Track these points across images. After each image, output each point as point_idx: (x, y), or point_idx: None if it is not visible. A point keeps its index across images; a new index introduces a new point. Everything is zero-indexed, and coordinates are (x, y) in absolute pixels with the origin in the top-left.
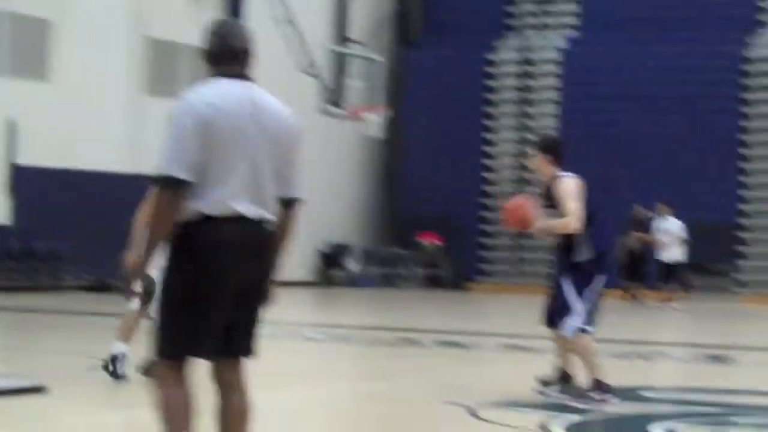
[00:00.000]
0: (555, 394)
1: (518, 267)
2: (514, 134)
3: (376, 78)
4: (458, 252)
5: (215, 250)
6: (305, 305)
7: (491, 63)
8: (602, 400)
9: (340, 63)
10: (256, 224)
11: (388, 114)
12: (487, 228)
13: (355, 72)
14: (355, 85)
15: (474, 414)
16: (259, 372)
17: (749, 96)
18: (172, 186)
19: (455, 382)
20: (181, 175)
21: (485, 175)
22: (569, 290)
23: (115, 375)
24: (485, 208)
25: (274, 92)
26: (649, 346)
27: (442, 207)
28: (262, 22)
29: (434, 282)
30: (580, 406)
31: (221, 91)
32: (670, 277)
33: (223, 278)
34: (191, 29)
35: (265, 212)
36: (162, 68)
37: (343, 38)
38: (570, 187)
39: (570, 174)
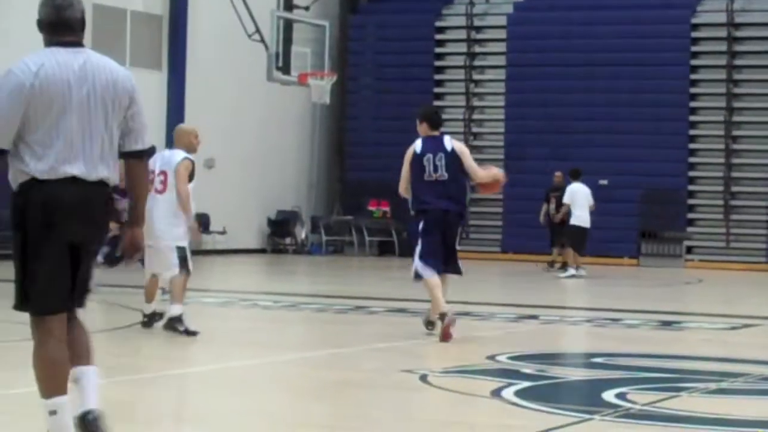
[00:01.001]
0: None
1: (469, 232)
2: (463, 100)
3: (322, 44)
4: (409, 219)
5: (47, 211)
6: (255, 273)
7: (438, 29)
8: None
9: (286, 29)
10: (90, 184)
11: (335, 80)
12: None
13: (302, 38)
14: (301, 52)
15: (426, 381)
16: (209, 340)
17: (697, 62)
18: None
19: (407, 349)
20: None
21: None
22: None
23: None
24: None
25: (222, 59)
26: (600, 312)
27: (391, 174)
28: None
29: (385, 249)
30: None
31: (47, 58)
32: (575, 241)
33: (56, 237)
34: None
35: (100, 172)
36: (107, 34)
37: (289, 4)
38: (406, 154)
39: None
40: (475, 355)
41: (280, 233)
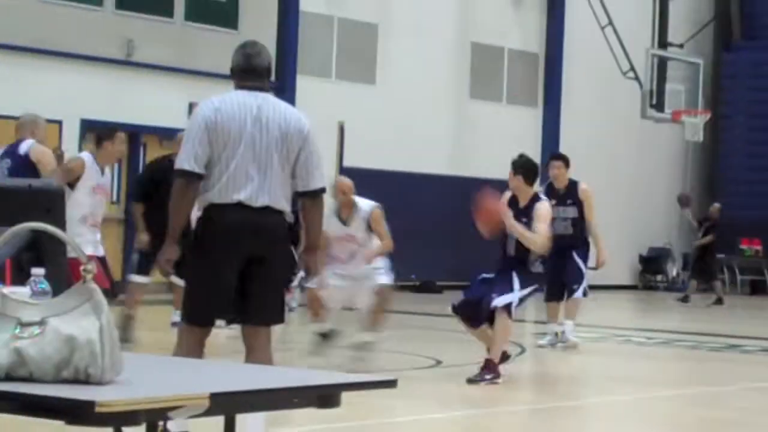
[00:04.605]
0: None
1: None
2: None
3: (695, 82)
4: None
5: (219, 231)
6: (627, 309)
7: None
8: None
9: (660, 67)
10: (258, 210)
11: (708, 118)
12: None
13: (675, 76)
14: (675, 89)
15: None
16: (587, 375)
17: None
18: (183, 177)
19: None
20: (189, 167)
21: None
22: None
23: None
24: None
25: (596, 96)
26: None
27: (764, 212)
28: (582, 26)
29: (757, 289)
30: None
31: (229, 99)
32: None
33: (224, 255)
34: (514, 33)
35: (269, 200)
36: (485, 72)
37: (663, 42)
38: (546, 210)
39: (545, 198)
40: None
41: (651, 270)
